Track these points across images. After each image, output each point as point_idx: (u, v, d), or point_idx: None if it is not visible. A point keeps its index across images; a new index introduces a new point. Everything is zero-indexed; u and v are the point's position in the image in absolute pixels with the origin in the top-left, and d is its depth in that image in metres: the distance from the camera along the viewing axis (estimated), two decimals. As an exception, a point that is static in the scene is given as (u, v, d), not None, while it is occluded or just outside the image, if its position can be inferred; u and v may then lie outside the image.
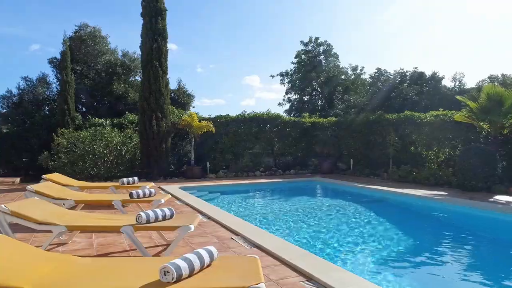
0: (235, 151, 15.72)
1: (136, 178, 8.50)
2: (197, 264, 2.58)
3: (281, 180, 13.60)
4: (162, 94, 13.51)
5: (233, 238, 5.19)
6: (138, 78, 20.93)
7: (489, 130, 10.84)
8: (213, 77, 46.12)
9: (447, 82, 25.24)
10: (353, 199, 10.28)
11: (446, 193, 9.66)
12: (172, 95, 21.99)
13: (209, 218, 6.59)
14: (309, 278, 3.63)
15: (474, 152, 10.15)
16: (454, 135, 12.82)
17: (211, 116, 15.98)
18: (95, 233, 5.41)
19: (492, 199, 8.60)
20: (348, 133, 16.12)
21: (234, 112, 17.08)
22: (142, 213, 4.15)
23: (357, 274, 4.34)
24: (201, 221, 6.30)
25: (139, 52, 14.81)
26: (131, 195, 6.07)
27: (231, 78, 49.30)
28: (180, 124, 14.16)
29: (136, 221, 4.14)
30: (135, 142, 14.15)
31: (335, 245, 5.96)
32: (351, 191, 11.54)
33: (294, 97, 32.06)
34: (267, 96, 50.26)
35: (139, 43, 13.88)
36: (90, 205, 7.47)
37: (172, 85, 24.26)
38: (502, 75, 28.18)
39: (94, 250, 4.70)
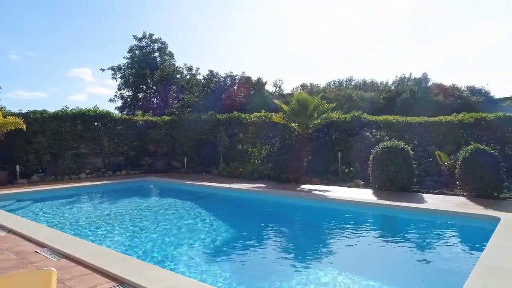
0: (54, 151, 13.82)
1: None
2: (-37, 289, 2.14)
3: (110, 181, 12.68)
4: None
5: (38, 251, 4.54)
6: None
7: (298, 130, 12.73)
8: (33, 66, 39.32)
9: (270, 87, 28.54)
10: (183, 197, 10.46)
11: (265, 185, 10.90)
12: (-35, 83, 17.72)
13: (10, 231, 5.60)
14: (121, 282, 3.50)
15: (286, 149, 11.80)
16: (273, 134, 14.60)
17: (23, 112, 13.59)
18: None
19: (299, 188, 10.17)
20: (182, 132, 16.33)
21: (60, 108, 14.84)
22: None
23: (182, 270, 4.44)
24: (-3, 236, 5.29)
25: None
26: None
27: (57, 69, 42.92)
28: (-26, 120, 11.49)
29: None
30: None
31: (161, 244, 5.92)
32: (182, 189, 11.73)
33: (127, 93, 30.35)
34: (101, 91, 46.14)
35: None
36: None
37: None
38: (311, 84, 33.81)
39: None
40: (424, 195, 8.76)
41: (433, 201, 7.87)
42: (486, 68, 45.72)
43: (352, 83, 38.89)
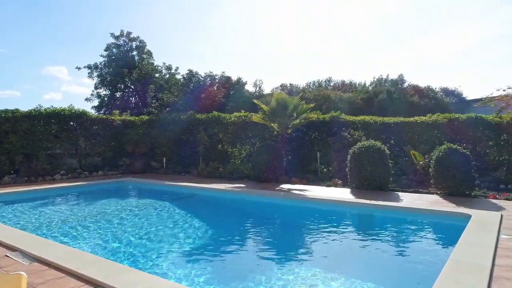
0: (27, 152, 13.38)
1: None
2: None
3: (86, 182, 12.37)
4: None
5: (8, 255, 4.39)
6: None
7: (278, 130, 12.79)
8: (4, 64, 37.90)
9: (250, 87, 28.54)
10: (162, 197, 10.33)
11: (244, 185, 10.89)
12: None
13: (-22, 235, 5.37)
14: (96, 285, 3.42)
15: (266, 149, 11.84)
16: (253, 134, 14.61)
17: (-7, 111, 13.12)
18: None
19: (278, 188, 10.21)
20: (161, 132, 16.12)
21: (34, 107, 14.39)
22: None
23: (160, 272, 4.38)
24: (-35, 240, 5.07)
25: None
26: None
27: (30, 67, 41.39)
28: None
29: None
30: None
31: (138, 245, 5.82)
32: (161, 189, 11.58)
33: (104, 92, 29.68)
34: (77, 90, 44.92)
35: None
36: None
37: None
38: (290, 84, 34.07)
39: None
40: (400, 193, 8.97)
41: (408, 200, 8.07)
42: (459, 70, 47.29)
43: (331, 84, 39.38)
